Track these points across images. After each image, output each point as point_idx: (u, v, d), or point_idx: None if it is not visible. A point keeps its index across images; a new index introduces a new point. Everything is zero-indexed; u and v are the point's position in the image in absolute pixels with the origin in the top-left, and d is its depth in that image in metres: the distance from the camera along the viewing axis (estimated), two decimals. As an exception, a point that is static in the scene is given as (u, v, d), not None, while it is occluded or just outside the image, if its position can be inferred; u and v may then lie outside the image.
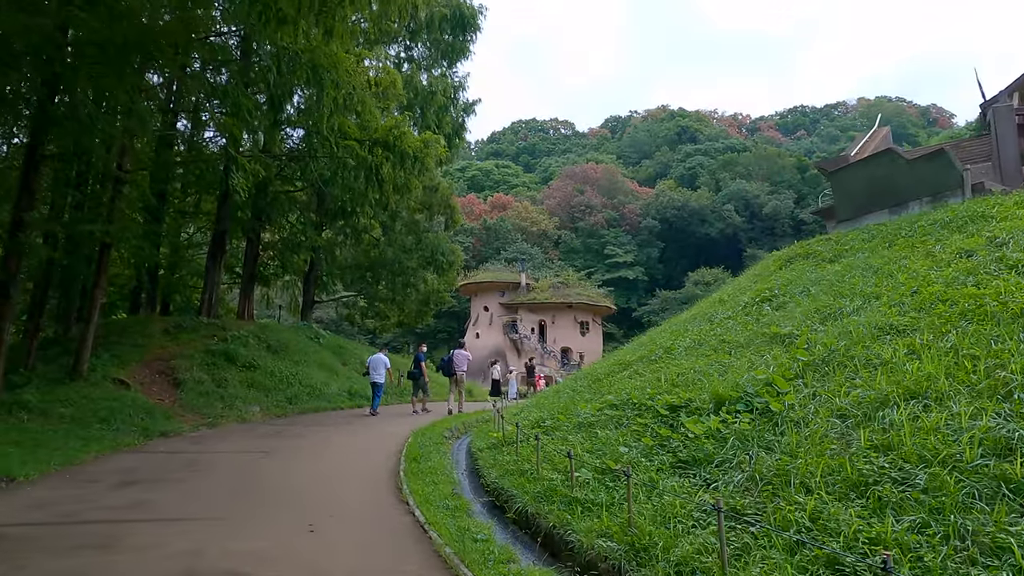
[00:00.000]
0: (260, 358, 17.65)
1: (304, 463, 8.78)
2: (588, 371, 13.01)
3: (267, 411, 15.01)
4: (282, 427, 12.86)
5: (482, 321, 55.92)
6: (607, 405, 8.60)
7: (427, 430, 12.54)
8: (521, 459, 7.82)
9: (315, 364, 19.81)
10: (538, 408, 11.38)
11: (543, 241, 79.14)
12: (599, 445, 7.15)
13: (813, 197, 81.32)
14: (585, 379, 11.99)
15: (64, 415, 10.96)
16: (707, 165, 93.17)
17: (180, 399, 13.68)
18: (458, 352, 17.35)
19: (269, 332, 20.29)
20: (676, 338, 11.01)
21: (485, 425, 12.78)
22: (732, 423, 6.17)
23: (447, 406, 17.11)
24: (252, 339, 18.74)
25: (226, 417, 13.42)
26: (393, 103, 16.39)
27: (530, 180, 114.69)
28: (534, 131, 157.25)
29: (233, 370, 16.28)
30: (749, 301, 10.89)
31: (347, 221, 24.79)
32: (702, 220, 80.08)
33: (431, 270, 29.88)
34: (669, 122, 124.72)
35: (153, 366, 15.21)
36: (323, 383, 18.46)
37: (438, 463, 8.86)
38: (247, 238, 23.94)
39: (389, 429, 12.86)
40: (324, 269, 29.74)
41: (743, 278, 13.83)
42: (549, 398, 12.03)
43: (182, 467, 8.21)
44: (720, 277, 69.67)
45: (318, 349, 21.40)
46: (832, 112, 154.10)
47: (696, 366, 8.54)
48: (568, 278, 58.50)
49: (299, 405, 16.37)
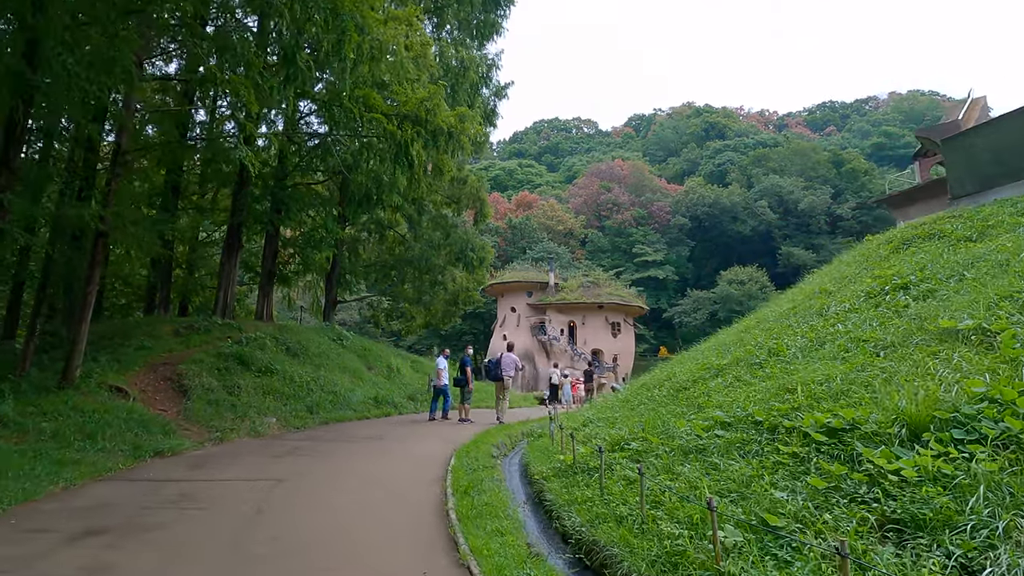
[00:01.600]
0: (278, 362, 15.90)
1: (325, 497, 6.90)
2: (660, 376, 10.98)
3: (284, 422, 13.21)
4: (300, 443, 11.02)
5: (509, 322, 53.98)
6: (716, 423, 6.60)
7: (471, 447, 10.62)
8: (614, 498, 5.84)
9: (338, 368, 18.03)
10: (607, 422, 9.39)
11: (569, 240, 77.01)
12: (731, 483, 5.15)
13: (851, 192, 78.19)
14: (662, 387, 9.96)
15: (44, 431, 9.22)
16: (737, 161, 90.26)
17: (185, 409, 11.91)
18: (506, 355, 15.97)
19: (288, 333, 18.55)
20: (778, 337, 8.94)
21: (539, 441, 10.83)
22: (956, 458, 4.14)
23: (495, 414, 15.98)
24: (269, 341, 17.01)
25: (236, 430, 11.61)
26: (424, 74, 14.52)
27: (554, 179, 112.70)
28: (556, 130, 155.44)
29: (247, 375, 14.52)
30: (872, 290, 8.79)
31: (372, 213, 23.03)
32: (734, 217, 77.33)
33: (460, 267, 28.01)
34: (696, 118, 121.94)
35: (158, 371, 13.50)
36: (347, 389, 16.65)
37: (495, 497, 6.91)
38: (265, 233, 22.29)
39: (427, 446, 10.95)
40: (347, 267, 28.04)
41: (843, 266, 11.70)
42: (618, 410, 10.02)
43: (169, 504, 6.36)
44: (755, 276, 67.13)
45: (341, 352, 19.62)
46: (863, 107, 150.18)
47: (834, 373, 6.49)
48: (598, 277, 56.31)
49: (321, 415, 14.56)
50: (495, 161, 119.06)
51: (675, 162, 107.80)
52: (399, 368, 21.30)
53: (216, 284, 20.41)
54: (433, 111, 13.31)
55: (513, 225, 74.03)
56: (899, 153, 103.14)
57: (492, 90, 22.56)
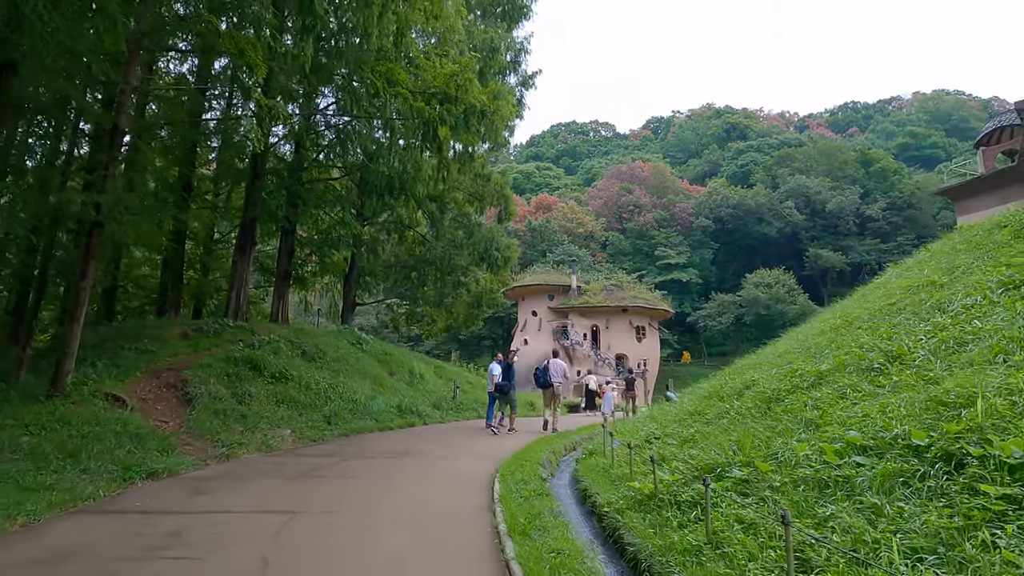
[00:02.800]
0: (293, 367, 14.57)
1: (348, 540, 5.48)
2: (733, 385, 9.45)
3: (300, 435, 11.84)
4: (317, 459, 9.64)
5: (530, 327, 52.51)
6: (850, 446, 5.09)
7: (514, 464, 9.18)
8: (734, 551, 4.36)
9: (358, 374, 16.68)
10: (680, 440, 7.90)
11: (589, 243, 75.44)
12: (917, 538, 3.66)
13: (880, 192, 75.81)
14: (741, 397, 8.45)
15: (21, 447, 7.90)
16: (761, 162, 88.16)
17: (188, 420, 10.58)
18: (553, 362, 15.15)
19: (304, 337, 17.25)
20: (890, 337, 7.40)
21: (592, 459, 9.37)
22: None
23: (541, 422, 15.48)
24: (284, 345, 15.70)
25: (246, 445, 10.26)
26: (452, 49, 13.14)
27: (572, 182, 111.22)
28: (574, 133, 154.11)
29: (259, 382, 13.20)
30: (1009, 280, 7.23)
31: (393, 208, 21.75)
32: (759, 219, 75.27)
33: (483, 267, 26.61)
34: (716, 119, 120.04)
35: (161, 377, 12.20)
36: (368, 397, 15.28)
37: (564, 540, 5.44)
38: (281, 231, 21.05)
39: (464, 464, 9.51)
40: (366, 268, 26.75)
41: (951, 254, 10.11)
42: (690, 424, 8.52)
43: (153, 551, 4.97)
44: (781, 279, 65.06)
45: (361, 356, 18.28)
46: (886, 107, 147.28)
47: (997, 383, 4.97)
48: (621, 280, 54.68)
49: (340, 426, 13.20)
50: (512, 164, 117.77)
51: (696, 164, 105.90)
52: (422, 374, 19.93)
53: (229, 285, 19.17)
54: (465, 86, 11.90)
55: (532, 228, 72.62)
56: (925, 154, 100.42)
57: (520, 78, 21.12)
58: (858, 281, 77.17)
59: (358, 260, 26.03)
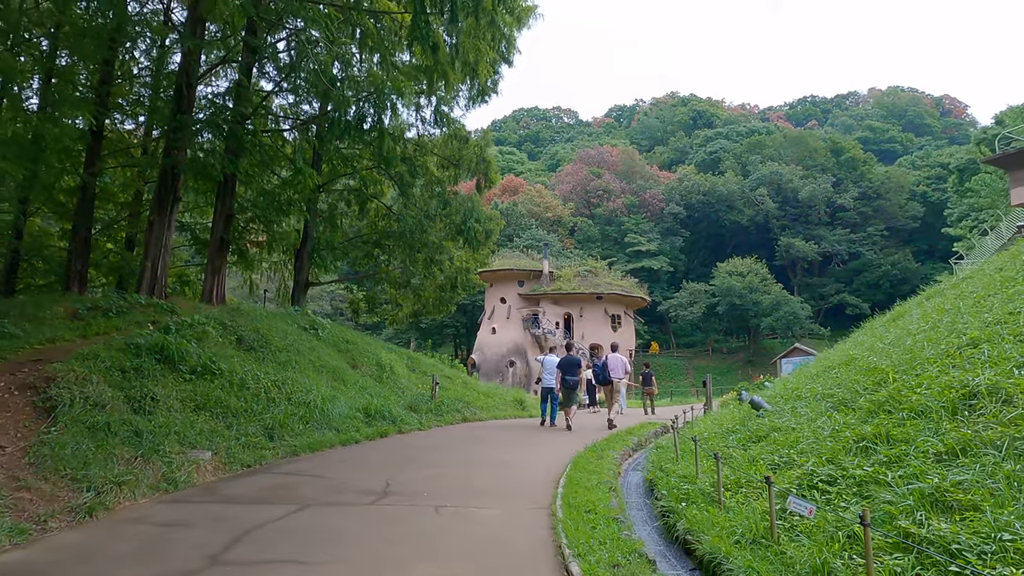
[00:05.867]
0: (224, 358, 10.71)
1: None
2: (846, 378, 6.13)
3: (226, 458, 8.06)
4: (250, 513, 5.92)
5: (499, 315, 49.01)
6: None
7: (573, 513, 5.66)
8: None
9: (312, 367, 12.88)
10: (775, 447, 4.55)
11: (557, 228, 72.15)
12: None
13: (850, 182, 74.66)
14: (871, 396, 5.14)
15: None
16: (730, 149, 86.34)
17: (40, 444, 6.68)
18: (612, 356, 14.55)
19: (242, 319, 13.32)
20: None
21: (669, 479, 5.94)
22: None
23: (606, 417, 14.54)
24: (213, 328, 11.78)
25: (131, 484, 6.43)
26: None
27: (536, 167, 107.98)
28: (536, 119, 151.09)
29: (171, 380, 9.31)
30: None
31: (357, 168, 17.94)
32: (729, 206, 73.30)
33: (460, 243, 22.90)
34: (682, 107, 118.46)
35: (17, 374, 8.19)
36: (326, 398, 11.49)
37: None
38: (217, 187, 16.91)
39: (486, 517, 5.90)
40: (322, 240, 22.74)
41: None
42: (800, 429, 5.17)
43: None
44: (754, 268, 63.09)
45: (316, 345, 14.46)
46: (844, 102, 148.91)
47: None
48: (595, 266, 51.63)
49: (287, 440, 9.45)
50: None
51: (662, 151, 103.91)
52: (392, 366, 16.19)
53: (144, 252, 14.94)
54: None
55: (500, 210, 68.87)
56: (884, 148, 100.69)
57: (515, 15, 17.20)
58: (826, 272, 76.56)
59: (312, 231, 22.01)
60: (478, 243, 22.44)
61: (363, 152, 20.27)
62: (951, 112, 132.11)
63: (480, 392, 18.76)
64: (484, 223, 22.19)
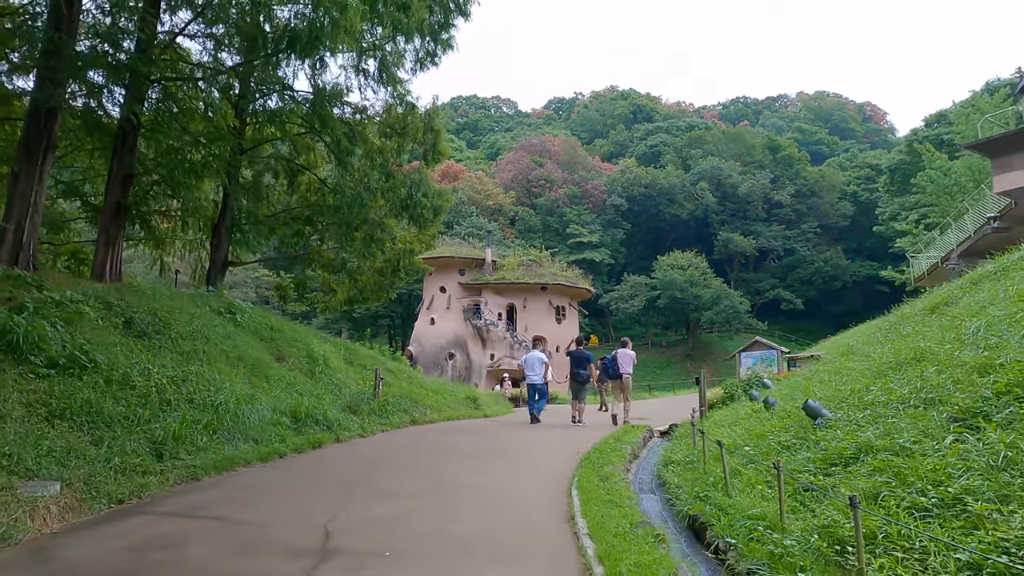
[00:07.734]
0: (102, 346, 8.03)
1: None
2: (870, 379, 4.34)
3: (82, 496, 5.51)
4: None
5: (438, 304, 46.50)
6: None
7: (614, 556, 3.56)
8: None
9: (225, 359, 10.27)
10: None
11: (498, 217, 70.06)
12: None
13: (787, 178, 75.95)
14: None
15: None
16: (671, 143, 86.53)
17: None
18: (622, 351, 14.39)
19: (136, 298, 10.55)
20: None
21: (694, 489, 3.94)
22: None
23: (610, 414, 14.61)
24: (91, 308, 9.04)
25: None
26: None
27: (475, 156, 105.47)
28: (475, 107, 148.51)
29: (15, 375, 6.63)
30: None
31: (285, 126, 15.23)
32: (670, 200, 73.18)
33: (405, 220, 20.41)
34: (622, 101, 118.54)
35: None
36: (242, 398, 8.93)
37: None
38: (114, 144, 13.82)
39: None
40: (245, 214, 19.75)
41: None
42: None
43: None
44: (694, 261, 62.98)
45: (233, 332, 11.79)
46: (774, 104, 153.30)
47: None
48: (539, 256, 49.88)
49: (182, 460, 6.93)
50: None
51: (602, 143, 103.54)
52: (327, 359, 13.64)
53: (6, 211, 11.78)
54: None
55: (439, 196, 66.21)
56: (812, 149, 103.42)
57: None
58: (762, 267, 77.76)
59: (233, 203, 19.00)
60: (425, 220, 20.02)
61: (295, 110, 17.48)
62: (872, 118, 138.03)
63: (428, 389, 16.44)
64: (432, 198, 19.78)
